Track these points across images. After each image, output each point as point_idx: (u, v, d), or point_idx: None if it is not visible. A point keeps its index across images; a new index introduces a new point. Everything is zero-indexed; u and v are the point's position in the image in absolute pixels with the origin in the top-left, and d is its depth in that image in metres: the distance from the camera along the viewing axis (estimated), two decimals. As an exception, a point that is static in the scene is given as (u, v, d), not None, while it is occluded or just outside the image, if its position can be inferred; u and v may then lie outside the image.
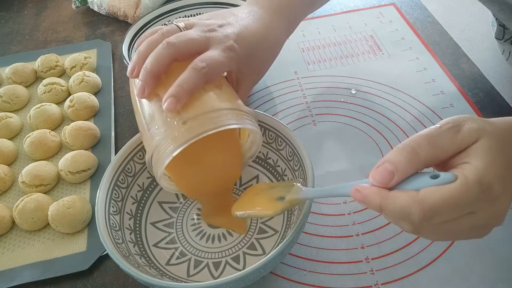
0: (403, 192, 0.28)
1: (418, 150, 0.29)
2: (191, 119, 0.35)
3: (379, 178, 0.29)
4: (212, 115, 0.35)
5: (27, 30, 0.82)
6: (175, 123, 0.35)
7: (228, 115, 0.36)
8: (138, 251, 0.43)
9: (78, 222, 0.48)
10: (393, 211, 0.29)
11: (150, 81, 0.38)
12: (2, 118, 0.60)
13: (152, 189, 0.49)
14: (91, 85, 0.65)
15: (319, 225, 0.48)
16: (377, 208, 0.30)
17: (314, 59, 0.69)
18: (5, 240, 0.49)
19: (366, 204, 0.30)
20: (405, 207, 0.28)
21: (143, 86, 0.38)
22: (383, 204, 0.29)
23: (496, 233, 0.45)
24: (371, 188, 0.30)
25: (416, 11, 0.76)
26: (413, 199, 0.28)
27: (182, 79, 0.36)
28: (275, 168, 0.49)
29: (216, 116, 0.35)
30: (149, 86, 0.38)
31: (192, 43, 0.40)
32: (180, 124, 0.35)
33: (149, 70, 0.37)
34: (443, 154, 0.29)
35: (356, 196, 0.30)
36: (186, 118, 0.35)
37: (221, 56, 0.40)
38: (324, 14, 0.77)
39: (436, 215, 0.28)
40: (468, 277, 0.42)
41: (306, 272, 0.44)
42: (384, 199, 0.29)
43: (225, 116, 0.35)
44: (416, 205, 0.27)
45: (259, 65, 0.47)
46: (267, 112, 0.55)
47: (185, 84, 0.36)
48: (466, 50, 0.67)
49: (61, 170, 0.53)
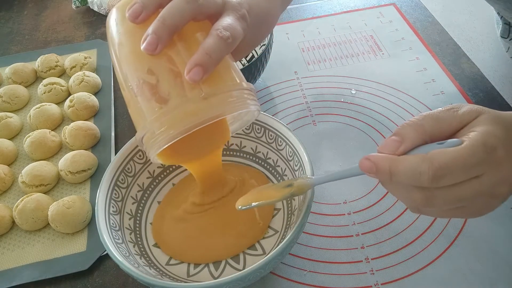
0: (412, 155, 0.29)
1: (423, 123, 0.31)
2: (212, 95, 0.32)
3: (387, 147, 0.30)
4: (232, 94, 0.33)
5: (27, 30, 0.82)
6: (195, 97, 0.31)
7: (245, 96, 0.34)
8: (138, 251, 0.43)
9: (78, 222, 0.48)
10: (403, 173, 0.29)
11: (167, 37, 0.32)
12: (2, 118, 0.60)
13: (152, 189, 0.49)
14: (91, 85, 0.65)
15: (319, 225, 0.48)
16: (386, 174, 0.30)
17: (314, 59, 0.69)
18: (5, 240, 0.49)
19: (376, 172, 0.30)
20: (415, 166, 0.28)
21: (156, 40, 0.32)
22: (393, 167, 0.29)
23: (496, 233, 0.45)
24: (380, 155, 0.30)
25: (416, 11, 0.76)
26: (422, 159, 0.28)
27: (210, 48, 0.32)
28: (275, 168, 0.49)
29: (236, 95, 0.33)
30: (163, 43, 0.32)
31: (213, 3, 0.35)
32: (202, 100, 0.31)
33: (168, 24, 0.32)
34: (447, 127, 0.31)
35: (365, 165, 0.30)
36: (207, 93, 0.31)
37: (239, 26, 0.36)
38: (324, 14, 0.77)
39: (446, 174, 0.28)
40: (468, 277, 0.42)
41: (306, 272, 0.44)
42: (393, 161, 0.29)
43: (242, 97, 0.34)
44: (426, 164, 0.28)
45: (258, 37, 0.46)
46: (267, 112, 0.55)
47: (213, 53, 0.32)
48: (466, 50, 0.67)
49: (61, 170, 0.53)
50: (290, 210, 0.46)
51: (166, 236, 0.46)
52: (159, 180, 0.50)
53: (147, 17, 0.34)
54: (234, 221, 0.46)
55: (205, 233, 0.45)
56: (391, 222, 0.47)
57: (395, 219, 0.48)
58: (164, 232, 0.46)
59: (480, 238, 0.45)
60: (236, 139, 0.51)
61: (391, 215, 0.48)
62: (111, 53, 0.36)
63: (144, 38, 0.33)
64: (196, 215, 0.46)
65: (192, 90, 0.32)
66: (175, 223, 0.46)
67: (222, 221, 0.46)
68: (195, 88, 0.32)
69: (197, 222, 0.46)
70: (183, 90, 0.32)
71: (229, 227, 0.45)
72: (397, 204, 0.49)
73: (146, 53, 0.33)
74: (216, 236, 0.45)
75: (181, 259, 0.44)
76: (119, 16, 0.36)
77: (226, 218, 0.46)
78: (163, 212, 0.48)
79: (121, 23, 0.35)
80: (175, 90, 0.32)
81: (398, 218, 0.48)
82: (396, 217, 0.48)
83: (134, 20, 0.34)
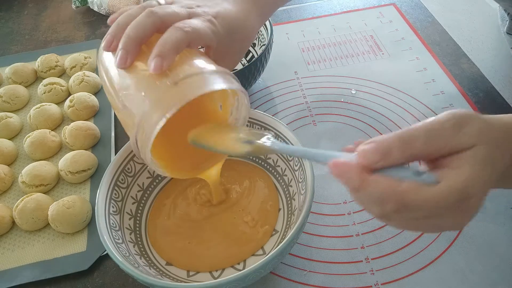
0: (385, 179, 0.27)
1: (414, 143, 0.28)
2: (182, 79, 0.33)
3: (366, 158, 0.28)
4: (204, 76, 0.34)
5: (27, 30, 0.82)
6: (165, 86, 0.33)
7: (219, 77, 0.34)
8: (138, 251, 0.43)
9: (78, 222, 0.48)
10: (370, 195, 0.28)
11: (134, 49, 0.36)
12: (2, 118, 0.60)
13: (152, 189, 0.49)
14: (91, 85, 0.65)
15: (319, 225, 0.48)
16: (353, 188, 0.29)
17: (314, 59, 0.69)
18: (5, 240, 0.49)
19: (342, 180, 0.29)
20: (383, 195, 0.27)
21: (125, 54, 0.35)
22: (362, 185, 0.28)
23: (496, 233, 0.45)
24: (352, 165, 0.28)
25: (416, 11, 0.76)
26: (394, 190, 0.27)
27: (165, 38, 0.35)
28: (275, 168, 0.49)
29: (208, 77, 0.34)
30: (132, 54, 0.36)
31: (174, 14, 0.38)
32: (172, 85, 0.33)
33: (133, 37, 0.35)
34: (436, 152, 0.29)
35: (334, 171, 0.29)
36: (177, 79, 0.33)
37: (203, 25, 0.38)
38: (324, 14, 0.77)
39: (410, 211, 0.28)
40: (468, 277, 0.42)
41: (306, 272, 0.44)
42: (364, 181, 0.28)
43: (217, 78, 0.34)
44: (394, 197, 0.27)
45: (237, 47, 0.46)
46: (267, 112, 0.55)
47: (168, 40, 0.34)
48: (466, 50, 0.67)
49: (61, 170, 0.53)
50: (290, 210, 0.46)
51: (166, 247, 0.45)
52: (159, 180, 0.50)
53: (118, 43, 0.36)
54: (237, 229, 0.45)
55: (207, 243, 0.45)
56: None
57: (395, 219, 0.48)
58: (164, 243, 0.45)
59: (480, 238, 0.45)
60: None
61: (391, 215, 0.48)
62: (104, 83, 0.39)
63: (115, 56, 0.36)
64: (197, 224, 0.46)
65: (161, 80, 0.33)
66: (173, 233, 0.46)
67: (224, 230, 0.45)
68: (163, 78, 0.33)
69: (199, 231, 0.46)
70: (154, 84, 0.34)
71: (232, 236, 0.45)
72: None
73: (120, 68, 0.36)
74: (219, 246, 0.44)
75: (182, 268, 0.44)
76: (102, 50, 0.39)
77: (229, 226, 0.46)
78: (160, 220, 0.47)
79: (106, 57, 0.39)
80: (148, 88, 0.34)
81: (398, 218, 0.48)
82: (396, 217, 0.48)
83: (108, 49, 0.38)
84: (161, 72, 0.34)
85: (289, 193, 0.47)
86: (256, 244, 0.44)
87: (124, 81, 0.36)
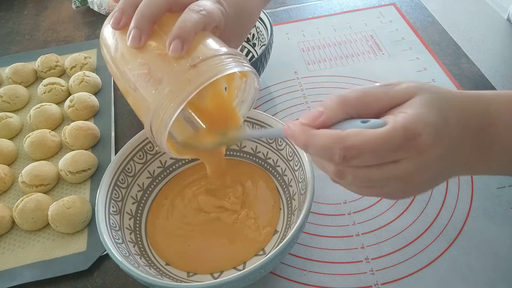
0: (328, 131, 0.28)
1: (349, 95, 0.29)
2: (200, 62, 0.33)
3: (307, 117, 0.30)
4: (222, 58, 0.33)
5: (27, 30, 0.82)
6: (184, 67, 0.32)
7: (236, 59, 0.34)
8: (138, 251, 0.43)
9: (78, 222, 0.48)
10: (316, 149, 0.29)
11: (147, 27, 0.34)
12: (2, 118, 0.60)
13: (152, 189, 0.49)
14: (91, 85, 0.65)
15: (319, 225, 0.48)
16: (302, 146, 0.30)
17: (314, 59, 0.69)
18: (5, 240, 0.49)
19: (294, 141, 0.30)
20: (326, 144, 0.28)
21: (139, 33, 0.34)
22: (308, 141, 0.29)
23: (496, 233, 0.45)
24: (299, 125, 0.30)
25: (416, 11, 0.76)
26: (335, 137, 0.28)
27: (183, 20, 0.34)
28: (275, 168, 0.49)
29: (226, 59, 0.33)
30: (145, 33, 0.34)
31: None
32: (191, 68, 0.32)
33: (147, 15, 0.34)
34: (374, 102, 0.29)
35: (287, 132, 0.30)
36: (195, 61, 0.33)
37: (214, 6, 0.38)
38: (324, 14, 0.77)
39: (356, 155, 0.27)
40: (468, 277, 0.42)
41: (306, 272, 0.44)
42: (308, 136, 0.29)
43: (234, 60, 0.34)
44: (337, 143, 0.27)
45: (242, 28, 0.46)
46: (267, 112, 0.55)
47: (188, 23, 0.34)
48: (466, 50, 0.67)
49: (61, 170, 0.53)
50: (290, 210, 0.46)
51: (166, 249, 0.45)
52: (159, 180, 0.50)
53: (128, 21, 0.35)
54: (239, 233, 0.45)
55: (207, 246, 0.45)
56: (391, 222, 0.47)
57: (395, 219, 0.48)
58: (163, 244, 0.45)
59: (480, 238, 0.45)
60: (236, 139, 0.51)
61: (391, 215, 0.48)
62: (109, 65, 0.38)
63: (128, 35, 0.35)
64: (197, 227, 0.46)
65: (179, 62, 0.33)
66: (172, 235, 0.46)
67: (226, 233, 0.45)
68: (181, 59, 0.33)
69: (198, 234, 0.46)
70: (171, 66, 0.33)
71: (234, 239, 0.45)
72: (397, 204, 0.49)
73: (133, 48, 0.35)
74: (220, 249, 0.44)
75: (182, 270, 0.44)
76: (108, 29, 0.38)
77: (230, 230, 0.46)
78: (159, 221, 0.47)
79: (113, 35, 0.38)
80: (165, 69, 0.33)
81: (398, 218, 0.48)
82: (396, 217, 0.48)
83: (116, 26, 0.36)
84: (180, 55, 0.33)
85: (289, 193, 0.47)
86: (258, 246, 0.44)
87: (136, 61, 0.35)
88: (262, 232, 0.45)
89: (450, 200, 0.48)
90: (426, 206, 0.48)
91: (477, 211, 0.47)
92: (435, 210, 0.48)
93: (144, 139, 0.48)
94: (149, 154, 0.49)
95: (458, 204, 0.48)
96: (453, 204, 0.48)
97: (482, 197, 0.48)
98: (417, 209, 0.48)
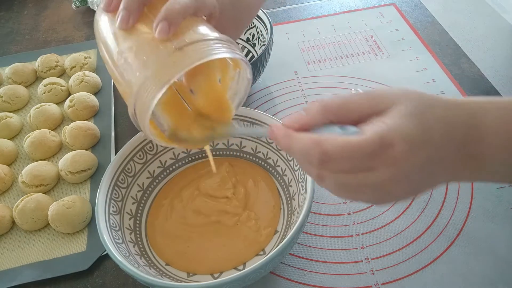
0: (307, 134, 0.29)
1: (330, 101, 0.30)
2: (187, 45, 0.32)
3: (290, 119, 0.31)
4: (210, 43, 0.33)
5: (27, 30, 0.82)
6: (169, 50, 0.32)
7: (225, 45, 0.33)
8: (138, 251, 0.43)
9: (78, 222, 0.48)
10: (297, 151, 0.29)
11: (136, 9, 0.34)
12: (2, 118, 0.60)
13: (152, 189, 0.49)
14: (91, 85, 0.65)
15: (319, 225, 0.48)
16: (284, 148, 0.31)
17: (314, 59, 0.69)
18: (5, 240, 0.49)
19: (277, 143, 0.31)
20: (305, 147, 0.29)
21: (127, 15, 0.34)
22: (289, 144, 0.30)
23: (496, 233, 0.45)
24: (281, 128, 0.31)
25: (416, 11, 0.76)
26: (313, 141, 0.28)
27: (172, 2, 0.34)
28: (275, 168, 0.49)
29: (214, 44, 0.33)
30: (134, 15, 0.34)
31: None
32: (176, 50, 0.32)
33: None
34: (355, 110, 0.30)
35: (271, 135, 0.31)
36: (181, 44, 0.32)
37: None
38: (324, 14, 0.77)
39: (330, 161, 0.28)
40: (468, 277, 0.42)
41: (306, 272, 0.44)
42: (290, 139, 0.30)
43: (223, 46, 0.33)
44: (314, 146, 0.28)
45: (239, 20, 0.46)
46: (267, 112, 0.55)
47: (176, 5, 0.33)
48: (466, 50, 0.67)
49: (61, 170, 0.53)
50: (290, 210, 0.46)
51: (166, 250, 0.45)
52: (159, 180, 0.50)
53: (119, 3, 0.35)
54: (240, 234, 0.45)
55: (207, 247, 0.45)
56: (391, 222, 0.47)
57: (395, 219, 0.48)
58: (163, 245, 0.45)
59: (480, 238, 0.45)
60: (236, 139, 0.51)
61: (391, 215, 0.48)
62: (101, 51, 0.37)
63: (117, 16, 0.34)
64: (197, 228, 0.46)
65: (165, 45, 0.32)
66: (172, 235, 0.46)
67: (226, 234, 0.45)
68: (167, 42, 0.32)
69: (198, 235, 0.46)
70: (157, 48, 0.33)
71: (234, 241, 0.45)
72: (397, 204, 0.49)
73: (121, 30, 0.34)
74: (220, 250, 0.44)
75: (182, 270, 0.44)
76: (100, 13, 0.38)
77: (231, 231, 0.46)
78: (158, 222, 0.47)
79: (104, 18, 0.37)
80: (151, 51, 0.33)
81: (398, 218, 0.48)
82: (396, 217, 0.48)
83: (108, 8, 0.36)
84: (166, 37, 0.33)
85: (289, 193, 0.47)
86: (258, 247, 0.44)
87: (124, 44, 0.34)
88: (262, 233, 0.45)
89: (450, 200, 0.48)
90: (426, 206, 0.48)
91: (477, 211, 0.47)
92: (435, 210, 0.48)
93: (144, 139, 0.48)
94: (149, 154, 0.49)
95: (458, 204, 0.48)
96: (453, 204, 0.48)
97: (482, 197, 0.48)
98: (417, 209, 0.48)
